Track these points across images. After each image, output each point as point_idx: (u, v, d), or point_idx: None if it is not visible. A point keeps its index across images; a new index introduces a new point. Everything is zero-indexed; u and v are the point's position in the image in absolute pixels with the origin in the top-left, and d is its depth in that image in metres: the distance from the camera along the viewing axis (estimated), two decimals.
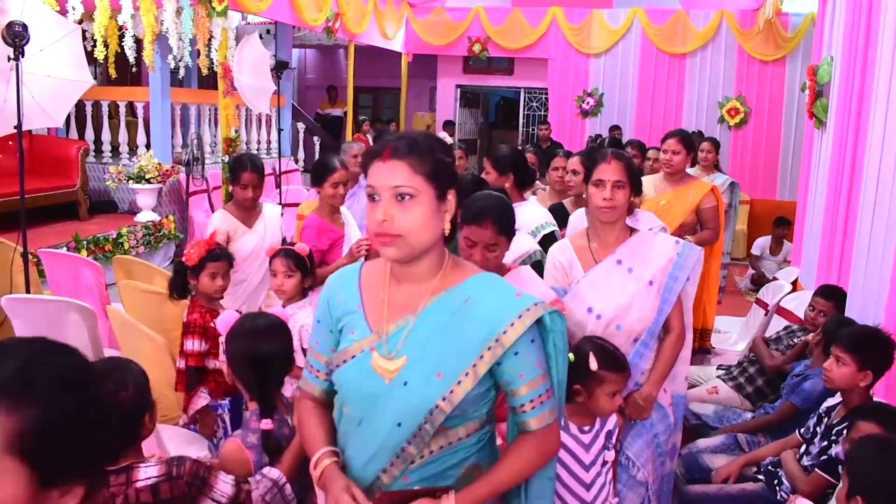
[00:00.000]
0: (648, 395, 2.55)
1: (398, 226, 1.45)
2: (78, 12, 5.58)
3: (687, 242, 2.62)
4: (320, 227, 3.77)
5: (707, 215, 4.43)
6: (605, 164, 2.56)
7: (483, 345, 1.48)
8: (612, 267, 2.56)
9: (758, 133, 10.67)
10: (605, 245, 2.61)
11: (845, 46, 4.70)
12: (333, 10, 8.77)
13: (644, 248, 2.59)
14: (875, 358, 2.71)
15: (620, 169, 2.55)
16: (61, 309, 3.71)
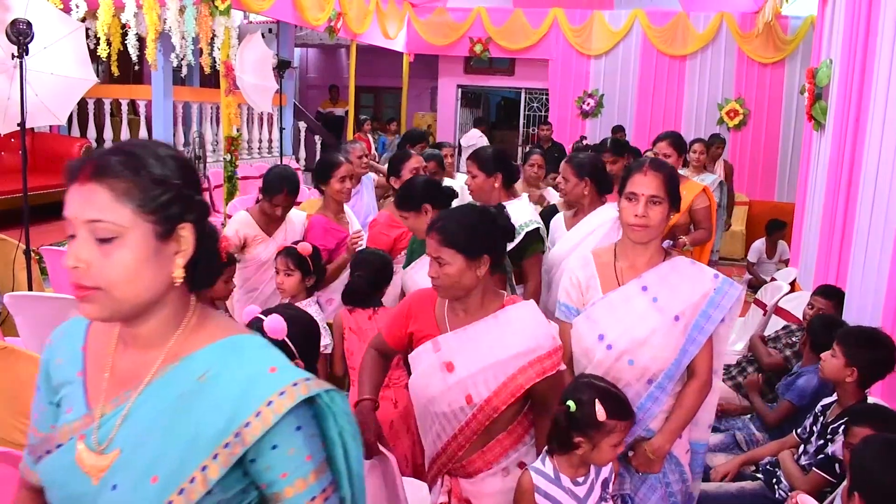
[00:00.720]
0: (660, 448, 2.26)
1: (96, 275, 1.10)
2: (81, 10, 5.60)
3: (726, 278, 2.30)
4: (326, 226, 3.79)
5: (700, 215, 4.43)
6: (641, 174, 2.26)
7: (218, 440, 1.08)
8: (635, 292, 2.29)
9: (757, 135, 10.70)
10: (633, 266, 2.33)
11: (844, 49, 4.73)
12: (336, 10, 8.79)
13: (676, 278, 2.29)
14: (861, 355, 2.75)
15: (658, 182, 2.24)
16: (64, 306, 3.72)
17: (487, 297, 2.21)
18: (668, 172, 2.28)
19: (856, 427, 2.40)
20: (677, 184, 2.32)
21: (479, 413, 2.12)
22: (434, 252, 2.14)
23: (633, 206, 2.25)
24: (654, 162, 2.31)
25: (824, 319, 3.42)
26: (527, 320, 2.16)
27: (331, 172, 3.79)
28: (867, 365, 2.75)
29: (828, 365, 2.84)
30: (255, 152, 9.85)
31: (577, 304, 2.39)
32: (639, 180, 2.25)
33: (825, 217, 4.90)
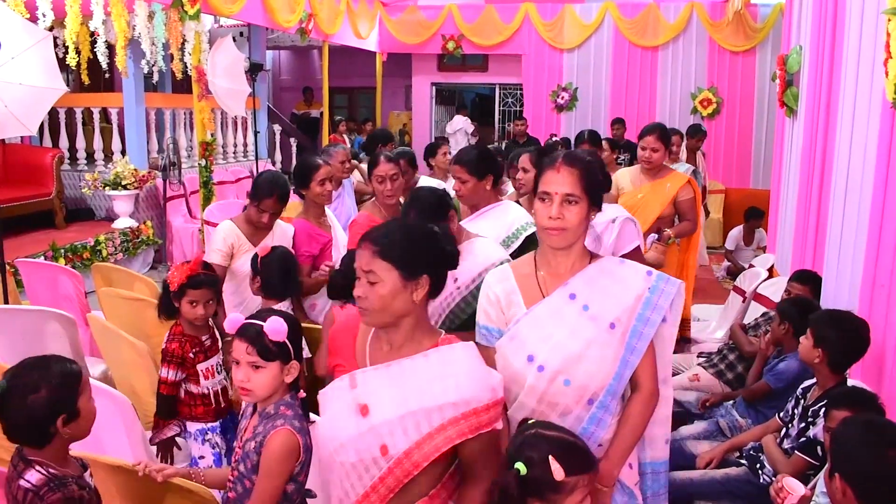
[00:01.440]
0: (608, 474, 1.97)
1: None
2: (49, 19, 5.53)
3: (661, 274, 2.06)
4: (310, 232, 3.74)
5: (685, 207, 4.43)
6: (553, 171, 1.99)
7: None
8: (562, 302, 2.01)
9: (730, 123, 10.79)
10: (556, 274, 2.05)
11: (814, 36, 4.77)
12: (306, 11, 8.75)
13: (605, 280, 2.02)
14: (827, 336, 2.79)
15: (574, 179, 1.97)
16: (41, 318, 3.69)
17: (420, 330, 1.85)
18: (584, 167, 1.99)
19: (835, 410, 2.43)
20: (597, 179, 2.02)
21: (395, 467, 1.75)
22: (365, 265, 1.79)
23: (547, 207, 1.97)
24: (569, 156, 2.02)
25: (797, 303, 3.46)
26: (464, 364, 1.78)
27: (310, 176, 3.73)
28: (834, 346, 2.78)
29: (802, 347, 2.89)
30: (230, 157, 9.80)
31: (498, 324, 2.08)
32: (551, 178, 1.99)
33: (800, 202, 4.95)
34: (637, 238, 3.40)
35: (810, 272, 4.03)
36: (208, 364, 2.91)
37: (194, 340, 2.88)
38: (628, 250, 3.31)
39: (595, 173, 2.02)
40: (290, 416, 1.96)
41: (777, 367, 3.41)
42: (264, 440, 1.92)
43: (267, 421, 1.97)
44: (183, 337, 2.87)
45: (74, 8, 5.67)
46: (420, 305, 1.83)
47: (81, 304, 4.42)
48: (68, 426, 1.89)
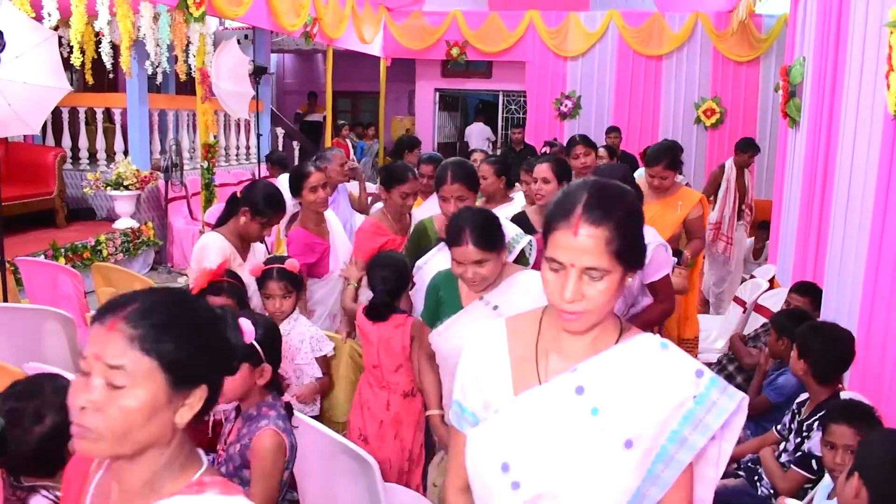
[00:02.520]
0: None
1: None
2: (54, 18, 5.53)
3: (717, 379, 1.33)
4: (307, 241, 3.67)
5: (695, 225, 4.18)
6: (568, 232, 1.28)
7: None
8: (563, 396, 1.34)
9: (733, 133, 10.76)
10: (564, 353, 1.39)
11: (817, 47, 4.78)
12: (311, 15, 8.77)
13: (633, 373, 1.34)
14: (808, 347, 2.80)
15: (599, 243, 1.28)
16: (40, 317, 3.68)
17: (173, 463, 1.18)
18: (616, 222, 1.28)
19: (833, 423, 2.42)
20: (634, 238, 1.35)
21: None
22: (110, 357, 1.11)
23: (561, 280, 1.30)
24: (592, 206, 1.28)
25: (793, 316, 3.45)
26: None
27: (301, 184, 3.64)
28: (816, 357, 2.78)
29: (791, 360, 2.90)
30: (232, 159, 9.81)
31: (474, 408, 1.46)
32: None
33: (802, 213, 4.95)
34: (668, 266, 3.20)
35: (810, 283, 4.02)
36: None
37: None
38: (658, 278, 3.12)
39: (632, 228, 1.34)
40: (274, 417, 1.97)
41: (776, 381, 3.40)
42: (249, 442, 1.92)
43: (250, 423, 1.98)
44: None
45: (80, 8, 5.68)
46: (180, 437, 1.18)
47: (81, 304, 4.42)
48: None
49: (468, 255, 2.24)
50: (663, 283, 3.14)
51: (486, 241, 2.27)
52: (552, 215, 1.33)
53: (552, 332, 1.42)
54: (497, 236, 2.32)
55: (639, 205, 1.40)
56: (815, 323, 3.01)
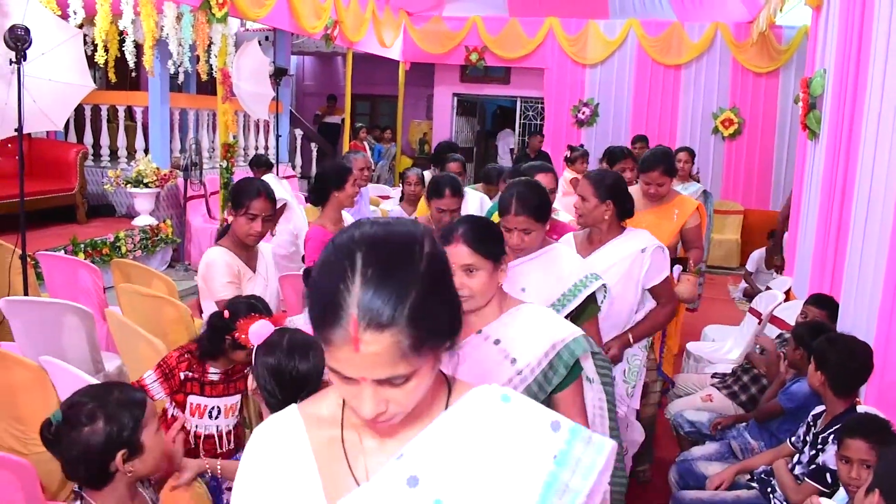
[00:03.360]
0: None
1: None
2: (79, 17, 5.61)
3: (576, 428, 0.97)
4: (325, 239, 3.63)
5: (692, 235, 4.07)
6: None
7: None
8: (395, 494, 0.97)
9: (752, 144, 10.75)
10: (382, 436, 1.10)
11: (838, 59, 4.76)
12: (332, 18, 8.82)
13: (470, 443, 1.00)
14: (825, 359, 2.79)
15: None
16: (60, 311, 3.73)
17: None
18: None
19: (849, 439, 2.41)
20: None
21: None
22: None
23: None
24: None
25: (813, 328, 3.43)
26: None
27: (346, 177, 3.70)
28: (834, 370, 2.77)
29: (809, 372, 2.89)
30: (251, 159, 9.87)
31: None
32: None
33: (820, 226, 4.92)
34: (667, 267, 3.19)
35: (826, 296, 4.00)
36: (202, 401, 2.58)
37: (197, 366, 2.57)
38: (658, 282, 3.11)
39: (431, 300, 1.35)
40: None
41: (790, 388, 3.39)
42: None
43: None
44: (188, 354, 2.57)
45: (105, 7, 5.76)
46: None
47: (99, 299, 4.46)
48: (130, 463, 1.70)
49: (459, 256, 1.91)
50: (664, 286, 3.15)
51: (480, 245, 1.92)
52: (318, 320, 0.98)
53: None
54: (494, 243, 1.98)
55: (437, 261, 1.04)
56: (832, 335, 3.00)
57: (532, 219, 2.53)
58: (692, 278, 3.75)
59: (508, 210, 2.52)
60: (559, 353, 1.88)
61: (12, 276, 4.53)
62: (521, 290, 2.50)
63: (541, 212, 2.56)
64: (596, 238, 3.14)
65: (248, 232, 3.07)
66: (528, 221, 2.53)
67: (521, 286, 2.52)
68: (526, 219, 2.52)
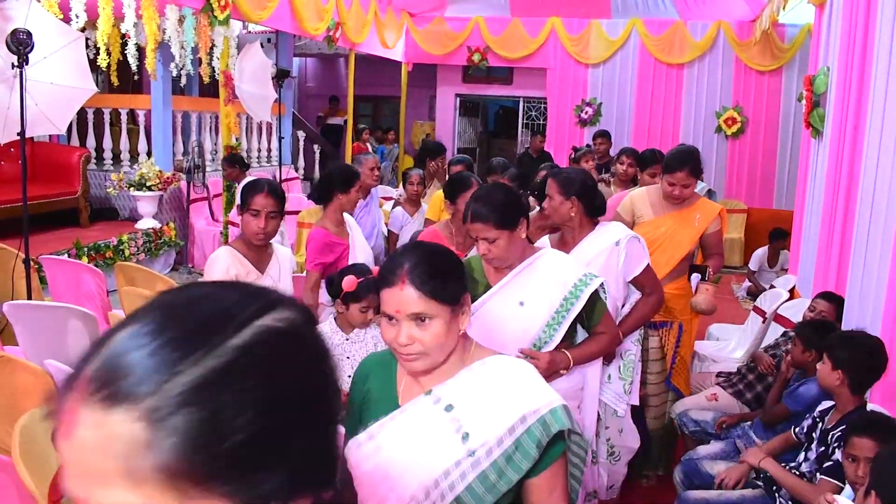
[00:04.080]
0: None
1: None
2: (81, 20, 5.61)
3: None
4: (326, 240, 3.70)
5: (713, 240, 3.77)
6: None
7: None
8: None
9: (755, 142, 10.73)
10: None
11: (842, 57, 4.74)
12: (334, 20, 8.83)
13: None
14: (844, 357, 2.75)
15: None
16: (63, 315, 3.73)
17: None
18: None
19: (855, 437, 2.40)
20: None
21: None
22: None
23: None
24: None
25: (819, 327, 3.41)
26: None
27: (353, 182, 3.76)
28: (854, 367, 2.75)
29: (820, 373, 2.85)
30: (254, 161, 9.88)
31: None
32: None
33: (824, 224, 4.91)
34: (645, 256, 3.13)
35: (835, 294, 3.98)
36: None
37: None
38: (639, 272, 3.09)
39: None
40: None
41: (797, 390, 3.37)
42: None
43: None
44: None
45: (107, 10, 5.76)
46: None
47: (103, 303, 4.47)
48: None
49: (405, 302, 1.50)
50: (646, 275, 3.12)
51: (433, 286, 1.50)
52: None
53: None
54: (453, 280, 1.55)
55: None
56: (844, 333, 2.98)
57: (492, 225, 2.35)
58: (710, 288, 3.57)
59: (465, 217, 2.48)
60: (529, 429, 1.47)
61: (16, 279, 4.54)
62: (520, 304, 2.47)
63: (503, 217, 2.36)
64: (569, 238, 3.09)
65: (253, 230, 2.99)
66: (487, 229, 2.36)
67: (518, 300, 2.48)
68: (484, 226, 2.36)
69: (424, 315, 1.49)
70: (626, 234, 3.06)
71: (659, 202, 3.77)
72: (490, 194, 2.46)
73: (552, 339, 2.50)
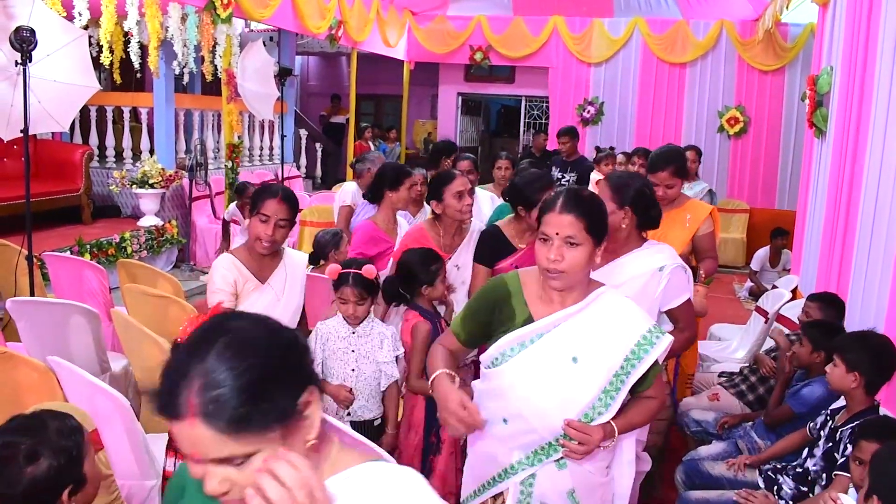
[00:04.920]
0: None
1: None
2: (84, 18, 5.62)
3: None
4: (373, 234, 3.74)
5: (705, 243, 3.61)
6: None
7: None
8: None
9: (757, 142, 10.72)
10: None
11: (845, 56, 4.74)
12: (336, 18, 8.83)
13: None
14: (861, 360, 2.74)
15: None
16: (66, 312, 3.73)
17: None
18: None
19: (863, 441, 2.39)
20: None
21: None
22: None
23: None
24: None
25: (827, 328, 3.39)
26: None
27: (403, 180, 3.82)
28: (870, 368, 2.73)
29: (832, 376, 2.81)
30: (256, 159, 9.89)
31: None
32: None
33: (826, 224, 4.90)
34: (688, 290, 2.77)
35: (828, 294, 3.96)
36: None
37: None
38: (677, 304, 2.74)
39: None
40: None
41: (801, 391, 3.36)
42: None
43: None
44: None
45: (110, 8, 5.76)
46: None
47: (105, 299, 4.47)
48: (74, 497, 1.60)
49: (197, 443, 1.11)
50: (684, 310, 2.75)
51: None
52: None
53: None
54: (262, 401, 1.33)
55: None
56: (856, 334, 2.94)
57: (584, 226, 1.96)
58: (701, 289, 3.42)
59: (550, 206, 2.02)
60: None
61: (18, 276, 4.54)
62: (573, 361, 1.99)
63: (599, 222, 2.01)
64: (611, 247, 2.44)
65: (258, 235, 2.74)
66: (577, 226, 1.96)
67: (571, 354, 1.99)
68: (576, 221, 1.96)
69: (234, 457, 1.02)
70: (674, 261, 2.69)
71: None
72: (587, 193, 2.11)
73: (607, 409, 2.00)
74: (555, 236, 1.93)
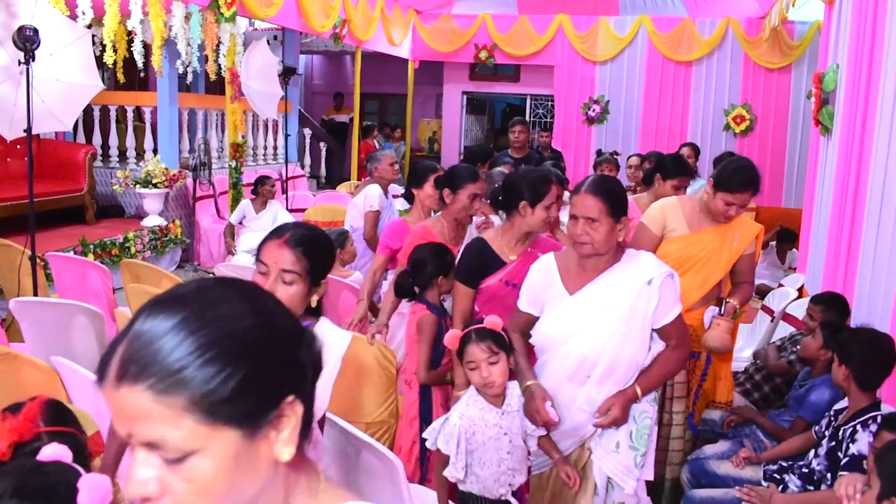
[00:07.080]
0: None
1: None
2: (88, 17, 5.60)
3: None
4: (402, 228, 3.73)
5: (745, 266, 3.28)
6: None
7: None
8: None
9: (763, 140, 10.67)
10: None
11: (851, 54, 4.71)
12: (341, 17, 8.81)
13: None
14: (851, 353, 2.74)
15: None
16: (69, 312, 3.73)
17: None
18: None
19: (886, 432, 2.36)
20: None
21: None
22: None
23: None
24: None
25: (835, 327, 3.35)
26: None
27: (425, 177, 3.89)
28: (858, 361, 2.73)
29: (835, 373, 2.84)
30: (259, 159, 9.88)
31: None
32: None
33: (833, 223, 4.88)
34: (678, 300, 2.49)
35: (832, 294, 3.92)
36: None
37: None
38: (669, 321, 2.46)
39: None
40: None
41: (809, 399, 3.31)
42: None
43: None
44: None
45: (113, 7, 5.75)
46: None
47: (109, 300, 4.47)
48: None
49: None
50: (676, 324, 2.47)
51: None
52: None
53: None
54: None
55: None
56: (852, 329, 2.96)
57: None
58: (723, 324, 3.07)
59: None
60: None
61: (22, 276, 4.54)
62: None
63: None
64: (591, 265, 2.44)
65: None
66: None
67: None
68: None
69: (167, 444, 0.81)
70: (660, 270, 2.42)
71: (694, 215, 3.29)
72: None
73: None
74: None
